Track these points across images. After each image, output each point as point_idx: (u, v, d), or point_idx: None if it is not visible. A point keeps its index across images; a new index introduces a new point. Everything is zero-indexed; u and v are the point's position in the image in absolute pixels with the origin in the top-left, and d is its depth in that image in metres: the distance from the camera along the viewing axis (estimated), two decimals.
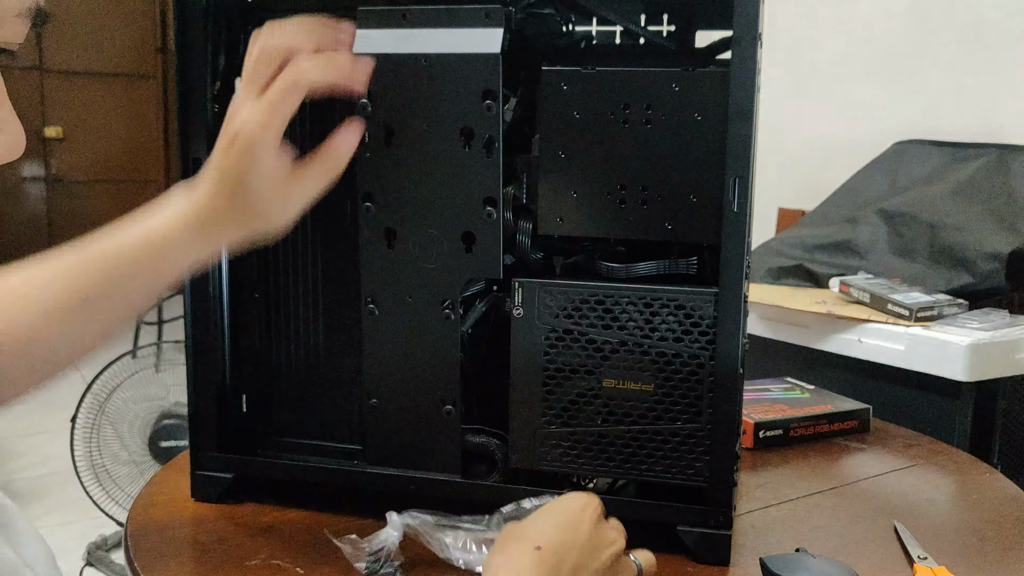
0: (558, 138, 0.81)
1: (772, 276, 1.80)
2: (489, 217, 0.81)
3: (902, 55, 2.22)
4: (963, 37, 2.10)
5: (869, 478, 1.06)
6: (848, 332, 1.52)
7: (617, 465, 0.83)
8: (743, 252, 0.78)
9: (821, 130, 2.40)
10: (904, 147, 2.02)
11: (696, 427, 0.81)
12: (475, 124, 0.80)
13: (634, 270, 0.82)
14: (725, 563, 0.82)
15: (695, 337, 0.80)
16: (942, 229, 1.68)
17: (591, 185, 0.81)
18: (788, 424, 1.16)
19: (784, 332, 1.63)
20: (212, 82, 0.87)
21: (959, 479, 1.07)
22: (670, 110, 0.78)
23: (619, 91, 0.79)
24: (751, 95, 0.76)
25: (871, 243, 1.77)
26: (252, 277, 0.91)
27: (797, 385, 1.31)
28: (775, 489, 1.00)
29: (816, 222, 1.95)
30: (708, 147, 0.78)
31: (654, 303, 0.80)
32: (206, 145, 0.86)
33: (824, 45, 2.39)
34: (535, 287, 0.82)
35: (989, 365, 1.40)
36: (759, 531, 0.89)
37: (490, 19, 0.78)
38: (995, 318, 1.50)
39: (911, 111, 2.19)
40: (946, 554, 0.84)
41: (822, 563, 0.77)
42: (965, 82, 2.10)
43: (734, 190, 0.77)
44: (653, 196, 0.80)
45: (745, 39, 0.75)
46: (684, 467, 0.81)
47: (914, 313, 1.46)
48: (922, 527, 0.91)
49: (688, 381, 0.80)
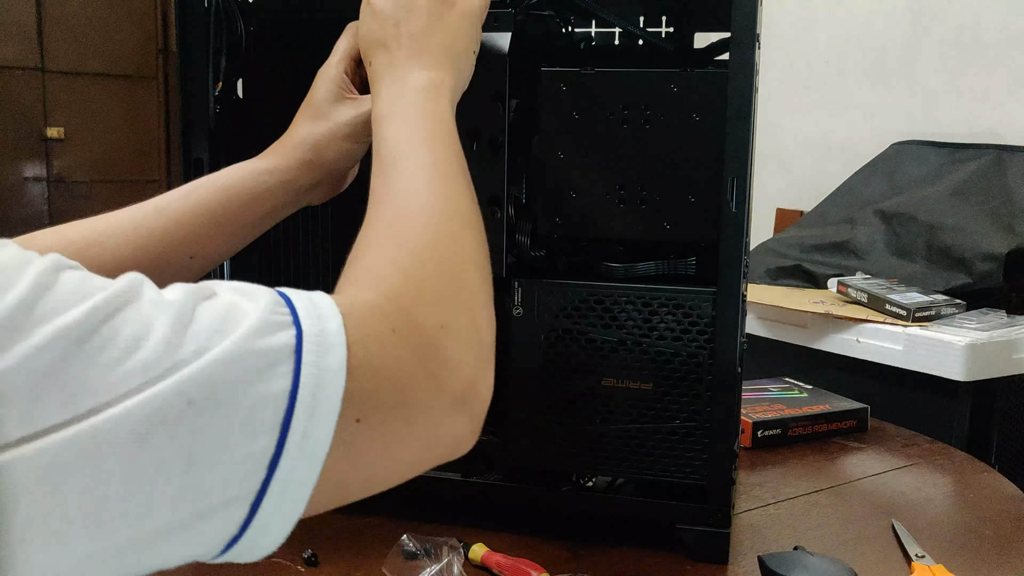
0: (558, 138, 0.82)
1: (770, 276, 1.80)
2: (493, 216, 0.82)
3: (900, 56, 2.23)
4: (961, 38, 2.11)
5: (867, 477, 1.06)
6: (846, 332, 1.53)
7: (616, 464, 0.83)
8: (741, 252, 0.78)
9: (819, 131, 2.41)
10: (902, 148, 2.02)
11: (695, 426, 0.81)
12: (481, 125, 0.80)
13: (633, 270, 0.83)
14: (724, 561, 0.82)
15: (694, 336, 0.80)
16: (940, 230, 1.69)
17: (590, 185, 0.81)
18: (786, 423, 1.16)
19: (782, 332, 1.63)
20: (213, 83, 0.87)
21: (957, 478, 1.07)
22: (669, 111, 0.79)
23: (618, 92, 0.80)
24: (749, 96, 0.76)
25: (869, 243, 1.78)
26: (253, 276, 0.91)
27: (795, 385, 1.31)
28: (773, 488, 1.01)
29: (814, 222, 1.95)
30: (706, 148, 0.78)
31: (653, 303, 0.81)
32: (207, 145, 0.86)
33: (822, 46, 2.40)
34: (535, 286, 0.83)
35: (986, 365, 1.40)
36: (757, 530, 0.90)
37: (498, 23, 0.79)
38: (992, 318, 1.50)
39: (909, 112, 2.19)
40: (944, 552, 0.85)
41: (820, 561, 0.77)
42: (963, 83, 2.11)
43: (732, 190, 0.77)
44: (652, 196, 0.80)
45: (743, 40, 0.76)
46: (683, 466, 0.82)
47: (912, 313, 1.46)
48: (920, 526, 0.91)
49: (687, 380, 0.81)
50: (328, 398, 0.41)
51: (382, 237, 0.54)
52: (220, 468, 0.38)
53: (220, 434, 0.38)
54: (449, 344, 0.49)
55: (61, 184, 3.42)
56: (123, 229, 0.68)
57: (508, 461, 0.86)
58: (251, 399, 0.39)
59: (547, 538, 0.85)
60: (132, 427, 0.36)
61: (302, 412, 0.40)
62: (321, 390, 0.41)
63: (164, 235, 0.69)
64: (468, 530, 0.85)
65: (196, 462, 0.37)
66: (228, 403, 0.38)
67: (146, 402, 0.36)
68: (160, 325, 0.38)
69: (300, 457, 0.40)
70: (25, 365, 0.35)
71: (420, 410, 0.46)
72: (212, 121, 0.87)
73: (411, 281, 0.50)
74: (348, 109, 0.73)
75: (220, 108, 0.87)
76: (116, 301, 0.38)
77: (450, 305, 0.51)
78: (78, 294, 0.37)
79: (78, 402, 0.35)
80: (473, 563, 0.81)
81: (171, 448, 0.37)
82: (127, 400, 0.36)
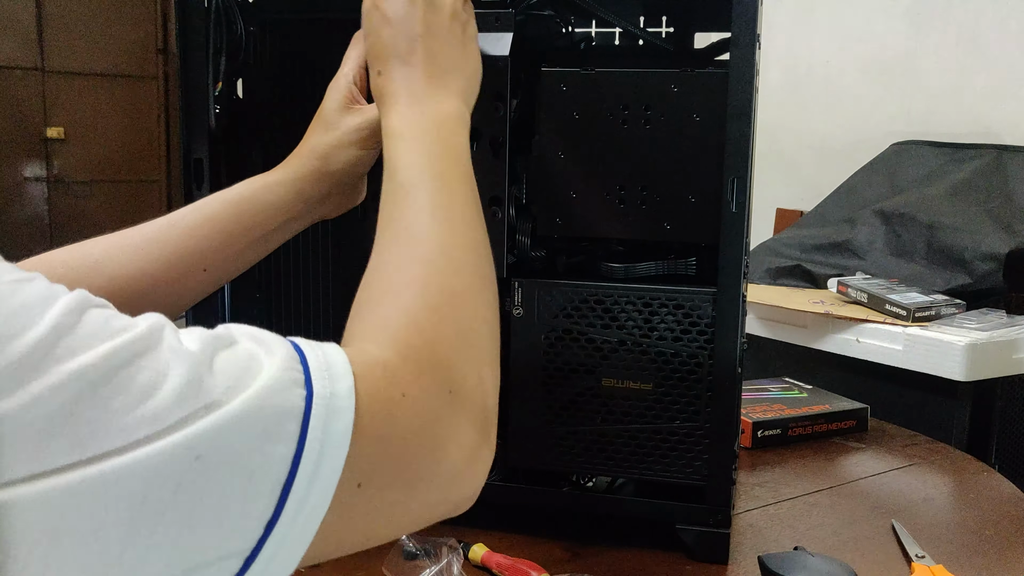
0: (558, 139, 0.82)
1: (770, 276, 1.80)
2: (495, 217, 0.82)
3: (900, 56, 2.23)
4: (961, 38, 2.11)
5: (867, 477, 1.06)
6: (846, 332, 1.53)
7: (616, 464, 0.83)
8: (741, 252, 0.78)
9: (819, 131, 2.41)
10: (902, 148, 2.02)
11: (695, 426, 0.81)
12: (483, 125, 0.80)
13: (633, 270, 0.83)
14: (724, 561, 0.82)
15: (694, 337, 0.80)
16: (940, 230, 1.69)
17: (590, 185, 0.81)
18: (786, 423, 1.16)
19: (782, 332, 1.63)
20: (213, 83, 0.87)
21: (956, 478, 1.07)
22: (669, 111, 0.79)
23: (618, 92, 0.80)
24: (749, 96, 0.76)
25: (869, 243, 1.78)
26: (254, 275, 0.91)
27: (795, 385, 1.32)
28: (773, 488, 1.01)
29: (814, 222, 1.96)
30: (706, 148, 0.78)
31: (653, 303, 0.81)
32: (207, 145, 0.86)
33: (822, 46, 2.40)
34: (535, 286, 0.83)
35: (986, 365, 1.40)
36: (757, 530, 0.90)
37: (500, 23, 0.79)
38: (992, 318, 1.50)
39: (909, 112, 2.19)
40: (944, 553, 0.85)
41: (820, 561, 0.77)
42: (963, 83, 2.11)
43: (732, 190, 0.77)
44: (652, 196, 0.81)
45: (743, 40, 0.76)
46: (683, 466, 0.82)
47: (912, 313, 1.46)
48: (920, 526, 0.91)
49: (687, 380, 0.81)
50: (330, 465, 0.41)
51: (397, 284, 0.54)
52: (219, 525, 0.38)
53: (223, 492, 0.38)
54: (456, 411, 0.49)
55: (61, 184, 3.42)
56: (137, 243, 0.69)
57: (508, 461, 0.86)
58: (256, 460, 0.39)
59: (547, 538, 0.85)
60: (139, 478, 0.36)
61: (303, 478, 0.40)
62: (324, 457, 0.40)
63: (177, 248, 0.69)
64: (468, 530, 0.85)
65: (196, 517, 0.37)
66: (234, 462, 0.38)
67: (155, 454, 0.36)
68: (175, 375, 0.38)
69: (297, 520, 0.40)
70: (39, 404, 0.34)
71: (422, 478, 0.46)
72: (212, 121, 0.87)
73: (426, 340, 0.50)
74: (356, 117, 0.73)
75: (220, 108, 0.87)
76: (135, 347, 0.38)
77: (462, 366, 0.50)
78: (100, 336, 0.37)
79: (87, 446, 0.35)
80: (473, 563, 0.81)
81: (174, 502, 0.37)
82: (136, 450, 0.36)
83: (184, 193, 0.88)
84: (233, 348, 0.41)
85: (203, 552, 0.38)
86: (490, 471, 0.47)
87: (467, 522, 0.87)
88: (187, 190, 0.88)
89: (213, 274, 0.72)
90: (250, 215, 0.72)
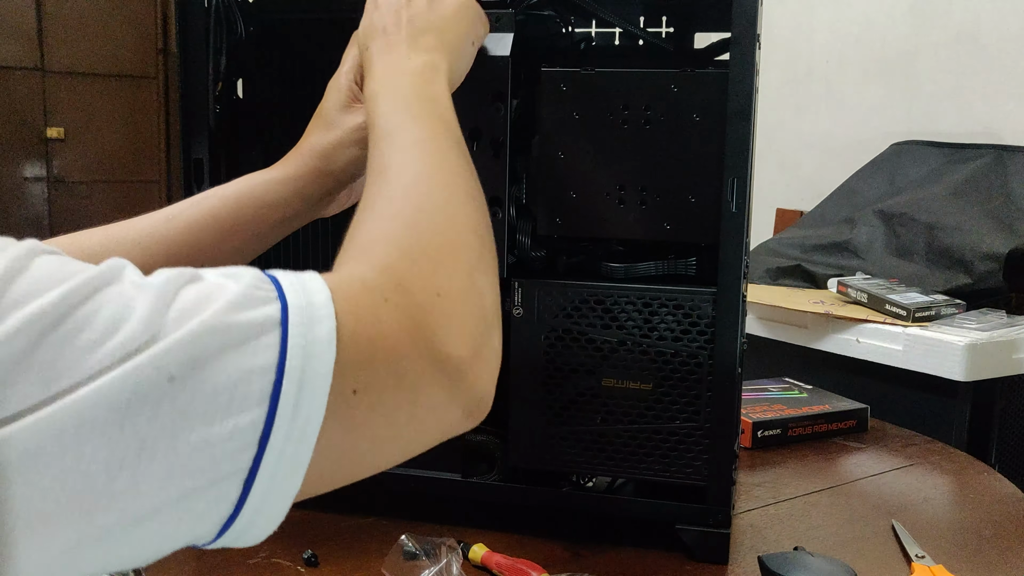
0: (558, 139, 0.82)
1: (770, 276, 1.80)
2: (495, 217, 0.82)
3: (900, 56, 2.23)
4: (961, 38, 2.11)
5: (867, 477, 1.06)
6: (846, 332, 1.53)
7: (616, 464, 0.83)
8: (741, 252, 0.78)
9: (819, 131, 2.41)
10: (902, 148, 2.02)
11: (695, 426, 0.81)
12: (483, 125, 0.80)
13: (633, 270, 0.83)
14: (724, 561, 0.82)
15: (694, 337, 0.80)
16: (940, 230, 1.69)
17: (590, 185, 0.81)
18: (786, 423, 1.16)
19: (782, 332, 1.63)
20: (213, 83, 0.87)
21: (957, 478, 1.07)
22: (669, 111, 0.79)
23: (618, 92, 0.80)
24: (749, 96, 0.76)
25: (869, 243, 1.78)
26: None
27: (795, 385, 1.32)
28: (773, 488, 1.01)
29: (814, 223, 1.96)
30: (706, 148, 0.78)
31: (653, 303, 0.81)
32: (207, 145, 0.86)
33: (822, 46, 2.40)
34: (535, 286, 0.83)
35: (986, 365, 1.40)
36: (757, 530, 0.90)
37: (499, 23, 0.79)
38: (992, 318, 1.50)
39: (909, 112, 2.19)
40: (944, 553, 0.85)
41: (820, 561, 0.77)
42: (963, 83, 2.11)
43: (732, 190, 0.77)
44: (652, 196, 0.81)
45: (743, 40, 0.76)
46: (683, 466, 0.82)
47: (912, 313, 1.46)
48: (920, 526, 0.91)
49: (687, 380, 0.81)
50: (317, 369, 0.40)
51: (376, 212, 0.54)
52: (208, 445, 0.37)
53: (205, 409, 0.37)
54: (448, 310, 0.48)
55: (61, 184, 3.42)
56: (134, 236, 0.69)
57: (508, 461, 0.86)
58: (235, 373, 0.38)
59: (547, 538, 0.85)
60: (111, 403, 0.35)
61: (291, 384, 0.39)
62: (310, 361, 0.40)
63: (175, 243, 0.69)
64: (468, 530, 0.85)
65: (181, 439, 0.37)
66: (210, 377, 0.37)
67: (123, 377, 0.36)
68: (140, 306, 0.38)
69: (292, 430, 0.39)
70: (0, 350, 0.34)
71: (420, 378, 0.45)
72: (212, 121, 0.87)
73: (404, 252, 0.49)
74: (356, 116, 0.74)
75: (220, 108, 0.87)
76: (94, 283, 0.38)
77: (447, 272, 0.50)
78: (55, 277, 0.37)
79: (55, 383, 0.35)
80: (473, 563, 0.81)
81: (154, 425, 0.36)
82: (104, 376, 0.35)
83: (184, 193, 0.88)
84: (199, 282, 0.41)
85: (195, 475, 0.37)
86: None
87: (467, 522, 0.87)
88: (187, 190, 0.88)
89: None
90: (249, 212, 0.72)
